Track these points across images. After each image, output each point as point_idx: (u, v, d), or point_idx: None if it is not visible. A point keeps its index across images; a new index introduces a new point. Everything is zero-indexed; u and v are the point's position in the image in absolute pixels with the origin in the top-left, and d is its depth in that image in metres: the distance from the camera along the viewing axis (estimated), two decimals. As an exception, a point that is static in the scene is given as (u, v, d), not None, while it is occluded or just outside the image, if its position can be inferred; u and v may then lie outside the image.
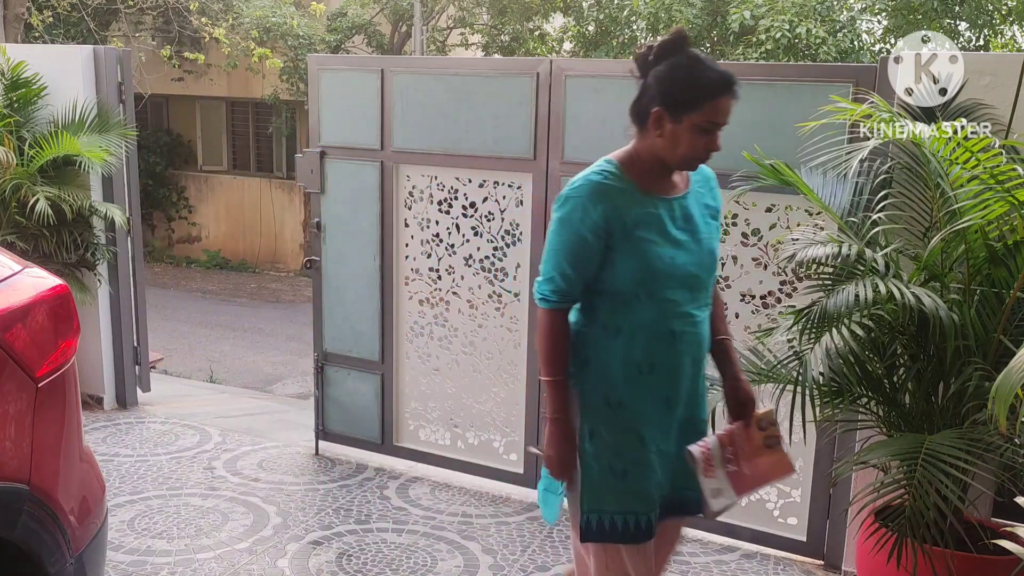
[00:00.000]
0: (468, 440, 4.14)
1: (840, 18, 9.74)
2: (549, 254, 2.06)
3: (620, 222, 2.00)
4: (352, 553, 3.42)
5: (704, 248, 2.10)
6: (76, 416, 2.23)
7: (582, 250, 2.02)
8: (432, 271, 4.06)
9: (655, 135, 2.00)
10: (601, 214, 1.99)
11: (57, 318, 2.17)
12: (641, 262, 2.01)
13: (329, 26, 12.22)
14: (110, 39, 11.87)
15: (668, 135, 1.98)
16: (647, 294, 2.03)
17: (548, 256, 2.07)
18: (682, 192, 2.10)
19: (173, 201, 13.99)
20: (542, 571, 3.35)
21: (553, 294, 2.06)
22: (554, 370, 2.08)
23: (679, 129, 1.97)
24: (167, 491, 3.91)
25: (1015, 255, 2.52)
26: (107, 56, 4.67)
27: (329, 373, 4.35)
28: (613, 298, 2.06)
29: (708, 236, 2.12)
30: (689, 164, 2.04)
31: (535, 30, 12.37)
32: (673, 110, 1.96)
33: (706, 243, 2.11)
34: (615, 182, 2.02)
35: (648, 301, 2.03)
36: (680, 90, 1.95)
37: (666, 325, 2.05)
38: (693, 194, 2.12)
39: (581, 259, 2.03)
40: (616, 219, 2.00)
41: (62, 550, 2.08)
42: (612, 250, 2.02)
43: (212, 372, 7.73)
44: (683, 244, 2.06)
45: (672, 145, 1.99)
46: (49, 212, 4.23)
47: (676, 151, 2.00)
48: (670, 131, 1.98)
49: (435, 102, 3.87)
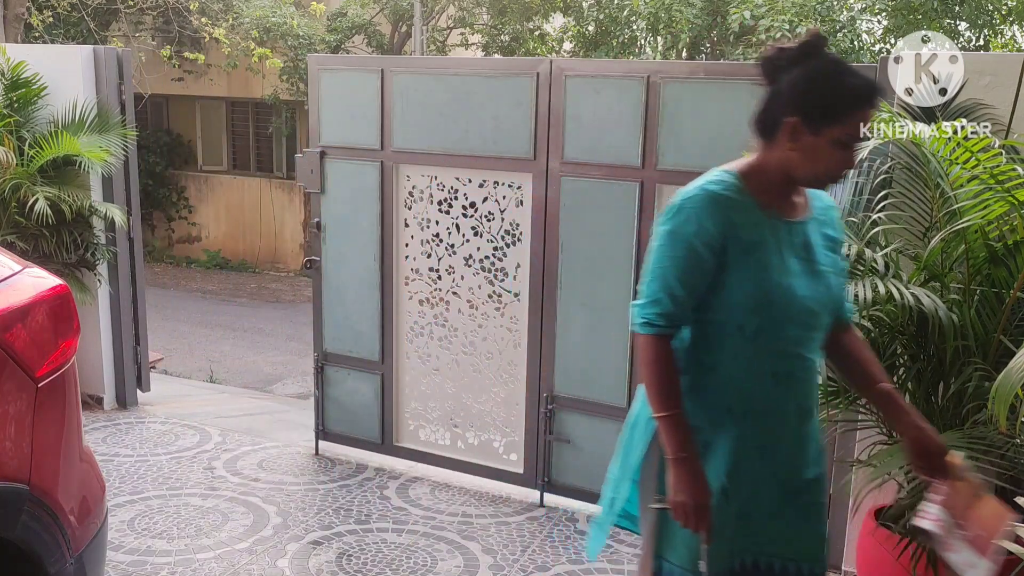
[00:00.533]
0: (468, 440, 4.14)
1: (840, 18, 9.73)
2: (655, 272, 1.82)
3: (737, 240, 1.78)
4: (352, 553, 3.42)
5: (824, 282, 1.87)
6: (76, 416, 2.23)
7: (695, 266, 1.79)
8: (432, 271, 4.06)
9: (787, 148, 1.78)
10: (718, 227, 1.77)
11: (57, 318, 2.17)
12: (756, 289, 1.79)
13: (329, 26, 12.21)
14: (110, 39, 11.87)
15: (803, 149, 1.77)
16: (755, 328, 1.80)
17: (653, 274, 1.83)
18: (804, 217, 1.88)
19: (173, 201, 13.98)
20: (542, 571, 3.35)
21: (660, 318, 1.81)
22: (668, 403, 1.82)
23: (817, 143, 1.75)
24: (167, 491, 3.91)
25: (1015, 255, 2.52)
26: (107, 56, 4.67)
27: (329, 373, 4.35)
28: (714, 328, 1.84)
29: (829, 269, 1.89)
30: (822, 182, 1.83)
31: (535, 30, 12.37)
32: (812, 121, 1.75)
33: (826, 277, 1.88)
34: (735, 195, 1.80)
35: (754, 336, 1.80)
36: (821, 99, 1.75)
37: (771, 365, 1.83)
38: (814, 221, 1.90)
39: (693, 276, 1.79)
40: (733, 236, 1.78)
41: (62, 550, 2.08)
42: (724, 271, 1.79)
43: (212, 372, 7.73)
44: (802, 275, 1.83)
45: (807, 160, 1.77)
46: (49, 212, 4.23)
47: (811, 167, 1.78)
48: (806, 144, 1.76)
49: (435, 102, 3.87)
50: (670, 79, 3.41)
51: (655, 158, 3.48)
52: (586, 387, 3.78)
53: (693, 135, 3.39)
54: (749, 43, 9.69)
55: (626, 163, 3.54)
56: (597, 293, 3.68)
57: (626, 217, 3.57)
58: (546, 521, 3.78)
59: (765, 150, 1.84)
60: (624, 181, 3.55)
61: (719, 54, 10.45)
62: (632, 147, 3.51)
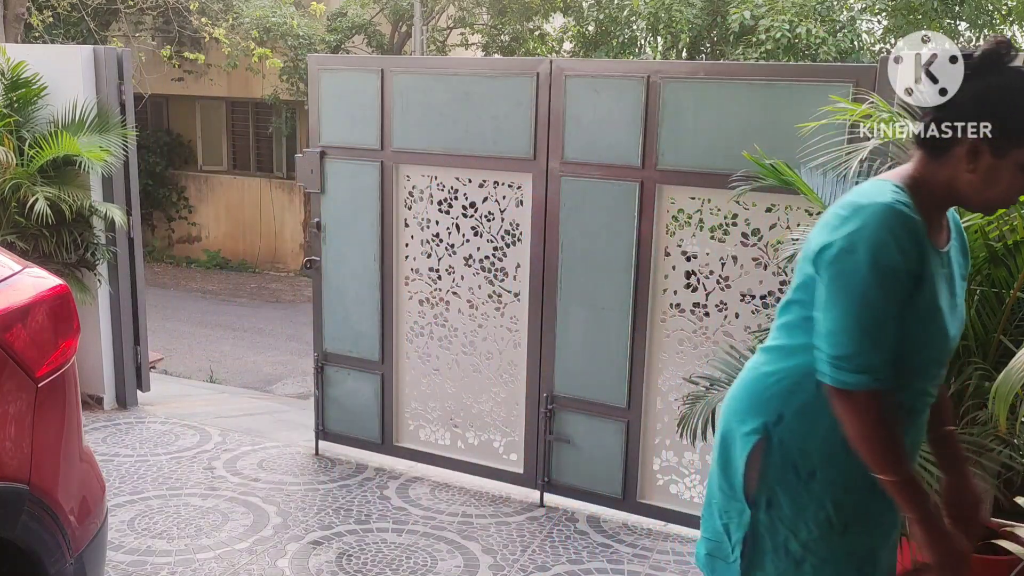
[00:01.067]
0: (468, 440, 4.14)
1: (840, 18, 9.74)
2: (848, 318, 1.55)
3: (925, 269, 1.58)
4: (352, 553, 3.42)
5: (959, 318, 1.72)
6: (76, 416, 2.23)
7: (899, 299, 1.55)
8: (432, 271, 4.06)
9: (964, 169, 1.59)
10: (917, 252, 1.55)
11: (57, 318, 2.17)
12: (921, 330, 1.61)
13: (329, 26, 12.22)
14: (110, 39, 11.88)
15: (983, 171, 1.58)
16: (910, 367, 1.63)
17: (846, 321, 1.55)
18: (948, 245, 1.70)
19: (173, 201, 13.99)
20: (542, 571, 3.35)
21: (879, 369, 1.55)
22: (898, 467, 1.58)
23: (1000, 165, 1.57)
24: (167, 491, 3.91)
25: (1015, 255, 2.53)
26: (107, 56, 4.67)
27: (329, 373, 4.35)
28: None
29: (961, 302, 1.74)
30: (993, 208, 1.67)
31: (535, 30, 12.37)
32: (999, 142, 1.55)
33: (961, 311, 1.73)
34: (915, 215, 1.58)
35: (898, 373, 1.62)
36: (1013, 119, 1.55)
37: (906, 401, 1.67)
38: (953, 247, 1.72)
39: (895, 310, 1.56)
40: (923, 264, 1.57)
41: (62, 550, 2.08)
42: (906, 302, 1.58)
43: (212, 372, 7.73)
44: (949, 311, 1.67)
45: (985, 184, 1.59)
46: (49, 212, 4.23)
47: (987, 192, 1.60)
48: (986, 166, 1.57)
49: (435, 102, 3.87)
50: (670, 79, 3.41)
51: (655, 158, 3.48)
52: (586, 387, 3.78)
53: (693, 135, 3.39)
54: (749, 43, 9.68)
55: (626, 163, 3.54)
56: (597, 293, 3.68)
57: (626, 217, 3.57)
58: (546, 521, 3.78)
59: (929, 166, 1.64)
60: (624, 181, 3.55)
61: (719, 54, 10.45)
62: (632, 147, 3.51)
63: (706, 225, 3.50)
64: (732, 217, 3.44)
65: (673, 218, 3.55)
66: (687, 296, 3.57)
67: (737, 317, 3.48)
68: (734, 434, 1.76)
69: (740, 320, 3.48)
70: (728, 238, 3.46)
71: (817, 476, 1.67)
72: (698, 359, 3.56)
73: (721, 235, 3.48)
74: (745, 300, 3.47)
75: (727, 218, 3.45)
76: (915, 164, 1.66)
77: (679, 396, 3.54)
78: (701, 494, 3.66)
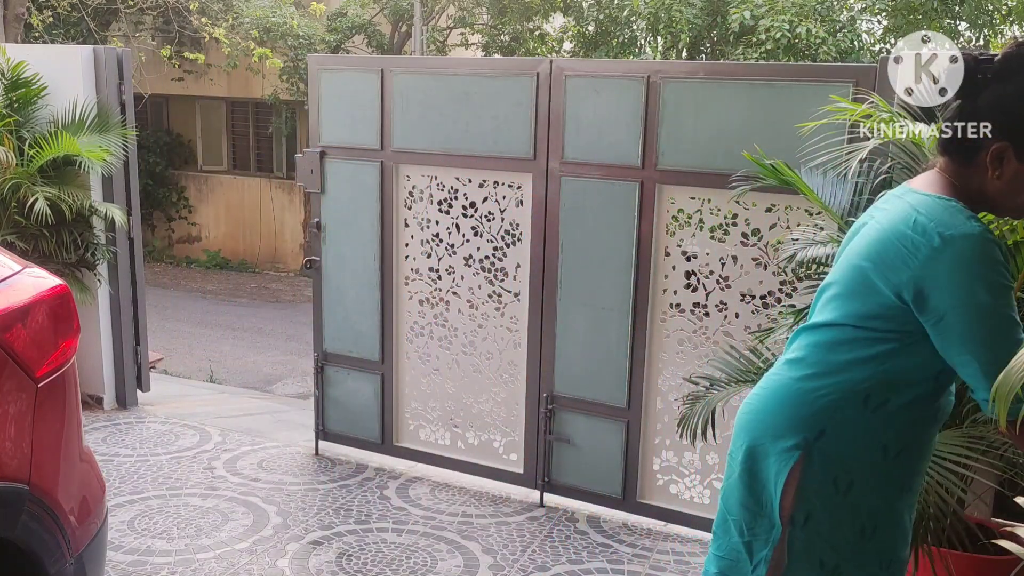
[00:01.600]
0: (468, 440, 4.14)
1: (840, 18, 9.74)
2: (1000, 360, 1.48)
3: None
4: (352, 553, 3.42)
5: None
6: (76, 416, 2.23)
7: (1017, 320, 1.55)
8: (432, 271, 4.06)
9: (991, 176, 1.58)
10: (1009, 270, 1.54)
11: (57, 318, 2.16)
12: None
13: (329, 26, 12.22)
14: (110, 39, 11.88)
15: (1009, 178, 1.57)
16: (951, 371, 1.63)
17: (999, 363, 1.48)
18: None
19: (173, 201, 13.99)
20: (542, 571, 3.35)
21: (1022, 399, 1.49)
22: None
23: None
24: (167, 491, 3.91)
25: (1015, 255, 2.52)
26: (107, 56, 4.67)
27: (329, 373, 4.36)
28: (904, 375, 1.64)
29: None
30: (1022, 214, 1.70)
31: (535, 30, 12.37)
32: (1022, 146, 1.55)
33: None
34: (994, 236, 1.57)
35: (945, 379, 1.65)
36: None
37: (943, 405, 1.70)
38: None
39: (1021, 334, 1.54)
40: None
41: (62, 550, 2.08)
42: None
43: (212, 372, 7.73)
44: None
45: (1012, 190, 1.58)
46: (48, 212, 4.23)
47: (1015, 198, 1.59)
48: (1012, 173, 1.56)
49: (435, 102, 3.87)
50: (670, 79, 3.41)
51: (655, 158, 3.48)
52: (586, 387, 3.78)
53: (693, 135, 3.39)
54: (749, 43, 9.69)
55: (626, 163, 3.54)
56: (597, 293, 3.68)
57: (626, 217, 3.57)
58: (546, 521, 3.78)
59: (959, 174, 1.63)
60: (624, 181, 3.55)
61: (719, 54, 10.45)
62: (632, 147, 3.51)
63: (706, 225, 3.50)
64: (732, 217, 3.44)
65: (673, 218, 3.55)
66: (687, 296, 3.57)
67: (737, 317, 3.48)
68: (767, 450, 1.72)
69: (740, 320, 3.48)
70: (728, 238, 3.47)
71: (855, 486, 1.66)
72: (698, 359, 3.56)
73: (721, 235, 3.48)
74: (745, 300, 3.47)
75: (727, 218, 3.45)
76: (947, 172, 1.64)
77: (679, 396, 3.54)
78: (701, 494, 3.66)
